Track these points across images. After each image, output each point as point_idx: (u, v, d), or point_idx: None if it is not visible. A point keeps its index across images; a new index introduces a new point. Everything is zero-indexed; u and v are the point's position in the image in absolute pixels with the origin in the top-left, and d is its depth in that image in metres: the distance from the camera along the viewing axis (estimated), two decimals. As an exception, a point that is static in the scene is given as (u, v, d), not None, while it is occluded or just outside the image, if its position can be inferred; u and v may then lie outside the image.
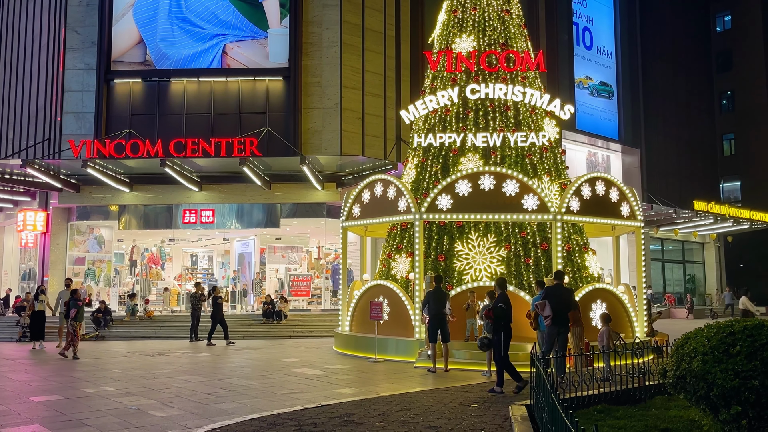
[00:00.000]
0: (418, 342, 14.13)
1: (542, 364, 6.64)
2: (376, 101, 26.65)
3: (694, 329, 5.94)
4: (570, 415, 3.71)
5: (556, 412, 4.32)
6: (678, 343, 5.87)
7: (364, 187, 16.08)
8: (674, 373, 5.52)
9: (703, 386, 5.14)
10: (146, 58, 25.42)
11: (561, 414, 3.99)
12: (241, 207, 25.03)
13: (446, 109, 16.76)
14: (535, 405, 7.07)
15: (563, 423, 3.94)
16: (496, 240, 15.27)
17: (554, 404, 4.53)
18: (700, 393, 5.19)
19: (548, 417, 5.20)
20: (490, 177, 14.37)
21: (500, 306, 10.08)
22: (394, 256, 16.37)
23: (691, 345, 5.49)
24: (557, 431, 4.32)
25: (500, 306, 10.08)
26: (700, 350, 5.30)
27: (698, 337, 5.52)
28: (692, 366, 5.25)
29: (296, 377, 11.72)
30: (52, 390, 10.35)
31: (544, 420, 5.67)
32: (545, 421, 5.49)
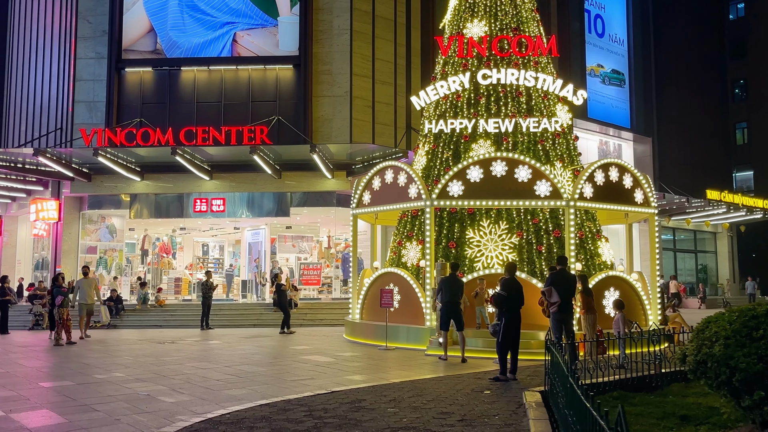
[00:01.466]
0: (428, 330, 14.03)
1: (558, 349, 6.52)
2: (386, 89, 26.48)
3: (715, 313, 5.79)
4: (591, 398, 3.58)
5: (575, 395, 4.20)
6: (698, 328, 5.72)
7: (374, 174, 15.96)
8: (694, 358, 5.37)
9: (725, 371, 4.99)
10: (157, 47, 25.36)
11: (580, 397, 3.87)
12: (252, 196, 24.99)
13: (457, 95, 16.58)
14: (549, 391, 6.95)
15: (582, 406, 3.82)
16: (507, 227, 15.11)
17: (572, 388, 4.41)
18: (722, 378, 5.04)
19: (565, 401, 5.07)
20: (502, 163, 14.20)
21: (499, 293, 9.93)
22: (404, 244, 16.26)
23: (712, 329, 5.33)
24: (576, 415, 4.21)
25: (499, 293, 9.93)
26: (722, 334, 5.14)
27: (719, 321, 5.36)
28: (713, 351, 5.09)
29: (307, 364, 11.66)
30: (62, 376, 10.34)
31: (560, 405, 5.55)
32: (562, 406, 5.37)
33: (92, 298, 17.14)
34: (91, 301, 17.10)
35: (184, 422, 6.87)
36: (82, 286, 16.99)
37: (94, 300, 17.40)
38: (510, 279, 10.06)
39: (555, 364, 6.42)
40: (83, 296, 16.93)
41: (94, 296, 17.26)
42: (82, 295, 16.94)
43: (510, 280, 10.04)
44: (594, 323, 12.02)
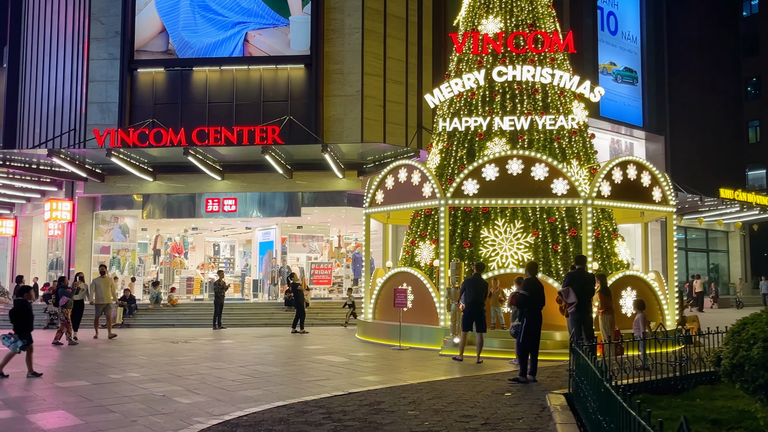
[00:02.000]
0: (443, 330, 13.89)
1: (586, 350, 6.36)
2: (397, 88, 26.34)
3: (750, 314, 5.61)
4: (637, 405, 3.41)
5: (611, 398, 4.05)
6: (733, 329, 5.55)
7: (387, 173, 15.83)
8: (730, 362, 5.20)
9: (763, 374, 4.82)
10: (169, 47, 25.33)
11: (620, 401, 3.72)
12: (263, 196, 24.92)
13: (472, 93, 16.42)
14: (574, 394, 6.79)
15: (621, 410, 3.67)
16: (523, 226, 14.95)
17: (608, 391, 4.25)
18: (759, 382, 4.88)
19: (597, 406, 4.91)
20: (518, 161, 14.03)
21: (521, 293, 9.78)
22: (417, 243, 16.13)
23: (749, 331, 5.16)
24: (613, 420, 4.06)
25: (521, 293, 9.78)
26: (760, 336, 4.97)
27: (757, 323, 5.18)
28: (751, 353, 4.92)
29: (321, 364, 11.55)
30: (78, 376, 10.28)
31: (589, 410, 5.39)
32: (592, 410, 5.21)
33: (109, 297, 17.09)
34: (107, 301, 17.03)
35: (202, 424, 6.77)
36: (99, 285, 16.93)
37: (111, 300, 17.32)
38: (531, 278, 9.91)
39: (582, 366, 6.26)
40: (100, 296, 16.87)
41: (110, 296, 17.19)
42: (98, 294, 16.87)
43: (531, 280, 9.89)
44: (612, 323, 11.85)
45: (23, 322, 10.25)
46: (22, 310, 10.39)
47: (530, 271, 10.08)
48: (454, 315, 13.20)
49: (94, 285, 17.12)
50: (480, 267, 12.62)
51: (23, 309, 10.41)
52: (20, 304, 10.54)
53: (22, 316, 10.29)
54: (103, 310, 17.01)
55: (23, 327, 10.24)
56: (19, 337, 10.08)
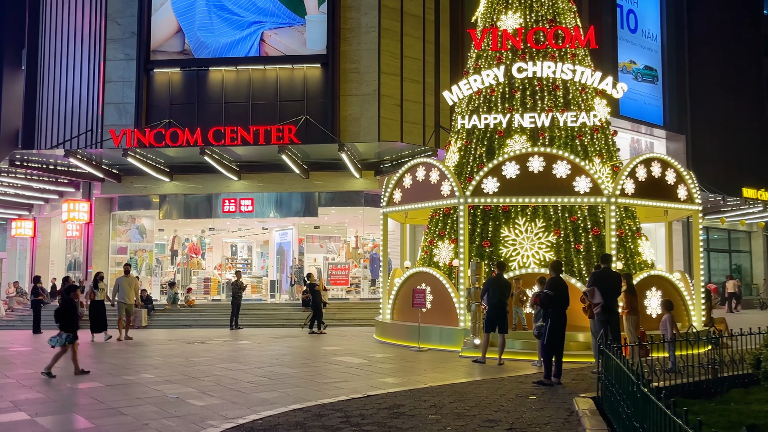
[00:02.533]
0: (462, 331, 13.60)
1: (617, 352, 6.05)
2: (414, 87, 26.09)
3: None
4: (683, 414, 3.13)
5: (649, 404, 3.77)
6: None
7: (405, 171, 15.57)
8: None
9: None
10: (185, 48, 25.28)
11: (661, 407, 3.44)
12: (280, 196, 24.78)
13: (491, 89, 16.12)
14: (604, 398, 6.49)
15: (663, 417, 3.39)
16: (544, 225, 14.62)
17: (646, 397, 3.97)
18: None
19: (632, 411, 4.62)
20: (540, 158, 13.71)
21: (545, 292, 9.46)
22: (436, 243, 15.84)
23: (793, 331, 4.85)
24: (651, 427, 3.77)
25: (545, 292, 9.46)
26: (805, 337, 4.66)
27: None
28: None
29: (338, 366, 11.32)
30: (91, 377, 10.13)
31: (622, 415, 5.10)
32: (625, 416, 4.92)
33: (131, 298, 16.64)
34: (130, 301, 16.59)
35: (215, 428, 6.56)
36: (122, 285, 16.49)
37: (133, 300, 16.85)
38: (556, 278, 9.60)
39: (614, 369, 5.96)
40: (122, 295, 16.42)
41: (133, 296, 16.73)
42: (121, 294, 16.44)
43: (556, 279, 9.57)
44: (637, 324, 11.51)
45: (70, 320, 10.34)
46: (69, 308, 10.43)
47: (554, 270, 9.76)
48: (475, 316, 12.91)
49: (116, 284, 16.79)
50: (501, 266, 12.32)
51: (70, 307, 10.45)
52: (68, 303, 10.55)
53: (68, 315, 10.36)
54: (126, 310, 16.55)
55: (70, 325, 10.33)
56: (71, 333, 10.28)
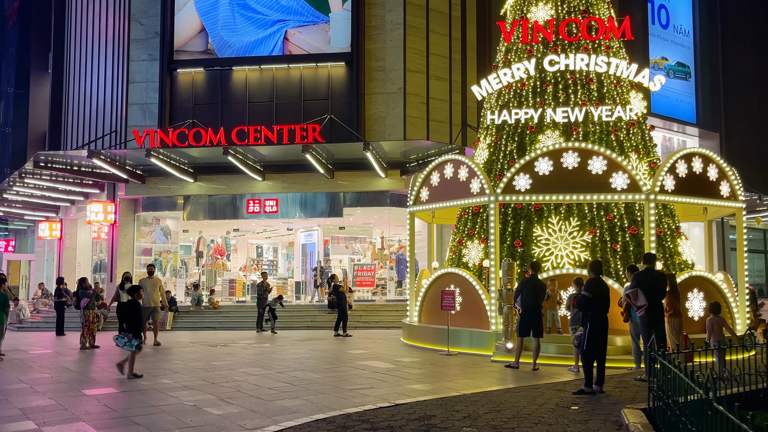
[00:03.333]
0: (494, 334, 13.01)
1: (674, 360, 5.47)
2: (440, 85, 25.55)
3: None
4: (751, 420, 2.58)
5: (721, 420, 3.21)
6: None
7: (433, 169, 15.04)
8: None
9: None
10: (208, 47, 25.06)
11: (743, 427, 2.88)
12: (305, 196, 24.40)
13: (522, 83, 15.51)
14: (657, 410, 5.89)
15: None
16: (579, 223, 13.96)
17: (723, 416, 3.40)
18: None
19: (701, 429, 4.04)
20: (574, 154, 13.08)
21: (583, 294, 8.83)
22: (465, 243, 15.28)
23: None
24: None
25: (583, 294, 8.83)
26: None
27: None
28: None
29: (365, 371, 10.83)
30: (107, 382, 9.78)
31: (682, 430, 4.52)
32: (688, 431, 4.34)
33: (156, 300, 15.56)
34: (155, 304, 15.53)
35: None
36: (146, 286, 15.25)
37: (159, 302, 15.74)
38: (595, 278, 8.98)
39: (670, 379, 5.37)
40: (147, 298, 15.22)
41: (158, 298, 15.64)
42: (145, 297, 15.15)
43: (595, 280, 8.94)
44: (680, 327, 10.83)
45: (137, 322, 10.24)
46: (134, 309, 10.34)
47: (594, 271, 9.14)
48: (507, 318, 12.34)
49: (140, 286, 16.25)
50: (536, 267, 11.71)
51: (135, 308, 10.36)
52: (133, 304, 10.44)
53: (134, 316, 10.26)
54: (150, 314, 15.48)
55: (137, 327, 10.23)
56: (133, 336, 10.12)
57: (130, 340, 10.08)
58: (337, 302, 18.13)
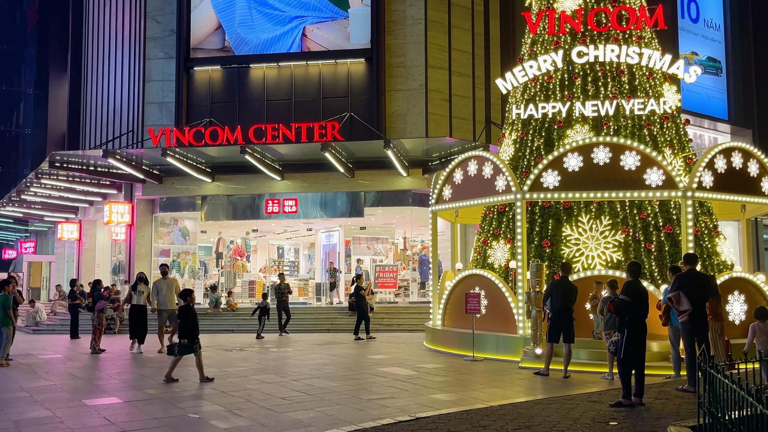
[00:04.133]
0: (522, 339, 12.33)
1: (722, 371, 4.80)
2: (463, 81, 24.87)
3: None
4: None
5: None
6: None
7: (456, 166, 14.38)
8: None
9: None
10: (225, 44, 24.66)
11: None
12: (325, 196, 23.87)
13: (549, 76, 14.79)
14: (710, 426, 5.22)
15: None
16: (611, 222, 13.22)
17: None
18: None
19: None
20: (606, 149, 12.35)
21: (621, 298, 8.11)
22: (490, 243, 14.60)
23: None
24: None
25: (621, 298, 8.11)
26: None
27: None
28: None
29: (384, 378, 10.22)
30: (112, 390, 9.30)
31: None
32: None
33: (173, 302, 14.24)
34: (172, 306, 14.20)
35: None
36: (161, 288, 14.28)
37: (176, 304, 14.08)
38: (634, 282, 8.26)
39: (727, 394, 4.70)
40: (163, 301, 14.23)
41: (175, 300, 14.18)
42: (160, 299, 14.23)
43: (633, 283, 8.22)
44: (722, 332, 10.07)
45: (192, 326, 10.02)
46: (188, 313, 10.08)
47: (632, 273, 8.41)
48: (535, 323, 11.66)
49: (155, 288, 14.53)
50: (566, 268, 11.00)
51: (190, 312, 10.10)
52: (187, 309, 10.15)
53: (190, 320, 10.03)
54: (168, 317, 14.36)
55: (192, 331, 9.99)
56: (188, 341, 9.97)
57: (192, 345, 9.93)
58: (357, 304, 17.55)
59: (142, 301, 14.57)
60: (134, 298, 14.58)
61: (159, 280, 14.80)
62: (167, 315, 14.41)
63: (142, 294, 14.55)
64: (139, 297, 14.47)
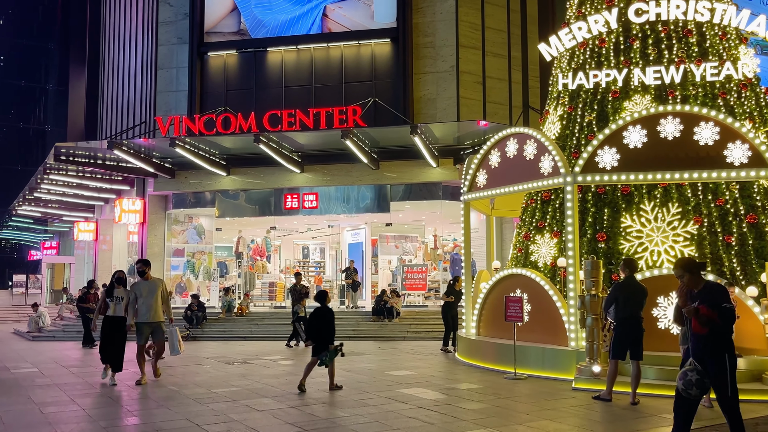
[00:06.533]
0: (574, 353, 10.18)
1: None
2: (498, 62, 22.71)
3: None
4: None
5: None
6: None
7: (492, 146, 12.26)
8: None
9: None
10: (241, 27, 22.94)
11: None
12: (347, 190, 21.95)
13: (601, 39, 12.58)
14: None
15: None
16: (680, 211, 10.97)
17: None
18: None
19: None
20: (675, 119, 10.13)
21: (725, 306, 5.88)
22: (533, 237, 12.46)
23: None
24: None
25: (725, 306, 5.88)
26: None
27: None
28: None
29: (406, 405, 8.20)
30: (67, 420, 7.45)
31: None
32: None
33: (158, 312, 10.30)
34: (156, 318, 10.28)
35: None
36: (141, 293, 10.27)
37: (162, 315, 10.39)
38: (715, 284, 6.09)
39: None
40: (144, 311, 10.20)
41: (161, 309, 10.35)
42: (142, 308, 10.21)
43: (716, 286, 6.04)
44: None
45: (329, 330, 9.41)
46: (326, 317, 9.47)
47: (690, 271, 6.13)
48: (591, 333, 9.50)
49: (132, 294, 10.36)
50: (632, 266, 8.75)
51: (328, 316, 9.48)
52: (324, 311, 9.52)
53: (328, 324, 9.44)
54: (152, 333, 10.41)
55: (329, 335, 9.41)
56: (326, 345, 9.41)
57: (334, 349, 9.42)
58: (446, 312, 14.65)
59: (120, 310, 10.37)
60: (110, 308, 10.47)
61: (137, 283, 10.50)
62: (149, 331, 10.33)
63: (120, 301, 10.40)
64: (116, 305, 10.39)
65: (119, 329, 10.30)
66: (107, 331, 10.31)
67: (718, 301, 5.83)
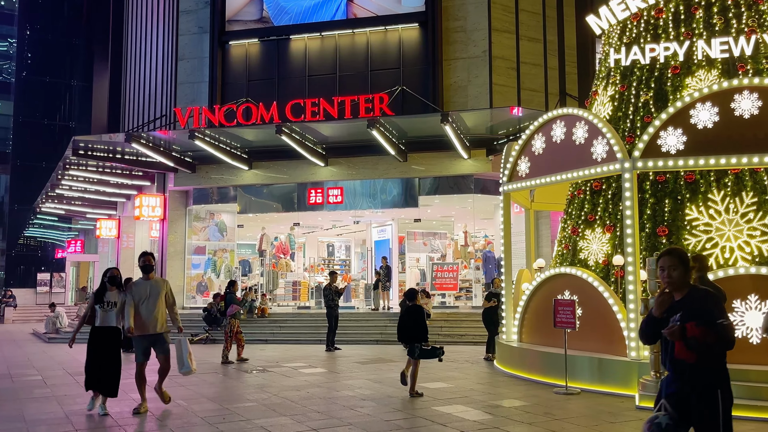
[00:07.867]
0: (635, 364, 8.88)
1: None
2: (533, 47, 21.36)
3: None
4: None
5: None
6: None
7: (536, 130, 10.99)
8: None
9: None
10: (263, 15, 21.94)
11: None
12: (374, 184, 20.80)
13: (657, 9, 11.22)
14: None
15: None
16: (756, 201, 9.60)
17: None
18: None
19: None
20: (753, 95, 8.76)
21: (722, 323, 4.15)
22: (582, 232, 11.17)
23: None
24: None
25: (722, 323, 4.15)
26: None
27: None
28: None
29: (446, 427, 7.03)
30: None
31: None
32: None
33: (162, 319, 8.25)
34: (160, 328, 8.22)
35: None
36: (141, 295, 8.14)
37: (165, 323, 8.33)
38: None
39: None
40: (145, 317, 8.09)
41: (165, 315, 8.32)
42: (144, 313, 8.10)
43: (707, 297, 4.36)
44: None
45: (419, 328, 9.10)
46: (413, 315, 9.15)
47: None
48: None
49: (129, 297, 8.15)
50: (703, 264, 7.48)
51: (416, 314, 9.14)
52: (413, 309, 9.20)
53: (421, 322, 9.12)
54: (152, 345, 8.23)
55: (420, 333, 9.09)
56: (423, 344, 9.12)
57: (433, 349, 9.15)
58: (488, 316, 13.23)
59: (112, 320, 8.04)
60: (98, 317, 8.09)
61: (137, 283, 8.38)
62: (147, 343, 8.17)
63: (113, 307, 8.05)
64: (107, 313, 8.04)
65: (112, 343, 7.99)
66: (95, 346, 7.95)
67: (712, 316, 4.07)
